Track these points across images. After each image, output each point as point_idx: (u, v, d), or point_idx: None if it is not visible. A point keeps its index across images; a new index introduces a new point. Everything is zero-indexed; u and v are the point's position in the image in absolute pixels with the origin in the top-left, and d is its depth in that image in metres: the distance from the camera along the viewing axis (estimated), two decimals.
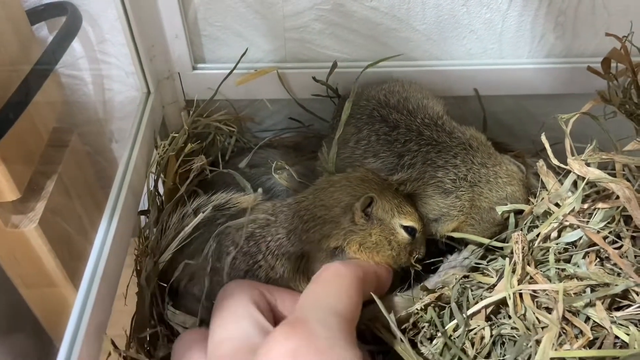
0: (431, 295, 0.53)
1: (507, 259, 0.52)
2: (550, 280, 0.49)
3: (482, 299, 0.51)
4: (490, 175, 0.59)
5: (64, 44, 0.71)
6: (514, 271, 0.50)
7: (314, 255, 0.54)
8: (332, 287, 0.42)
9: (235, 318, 0.39)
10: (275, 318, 0.42)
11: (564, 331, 0.45)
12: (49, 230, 0.71)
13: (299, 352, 0.33)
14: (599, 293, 0.46)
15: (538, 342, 0.45)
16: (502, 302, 0.50)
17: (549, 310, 0.48)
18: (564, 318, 0.46)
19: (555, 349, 0.44)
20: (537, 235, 0.53)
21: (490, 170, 0.59)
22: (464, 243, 0.62)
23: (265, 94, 0.75)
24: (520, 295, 0.49)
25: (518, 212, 0.59)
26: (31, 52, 0.70)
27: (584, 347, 0.44)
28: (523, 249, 0.50)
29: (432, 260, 0.60)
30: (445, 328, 0.50)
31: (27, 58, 0.68)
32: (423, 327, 0.52)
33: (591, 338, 0.44)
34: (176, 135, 0.70)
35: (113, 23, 0.74)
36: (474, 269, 0.57)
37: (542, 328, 0.47)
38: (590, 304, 0.47)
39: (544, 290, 0.48)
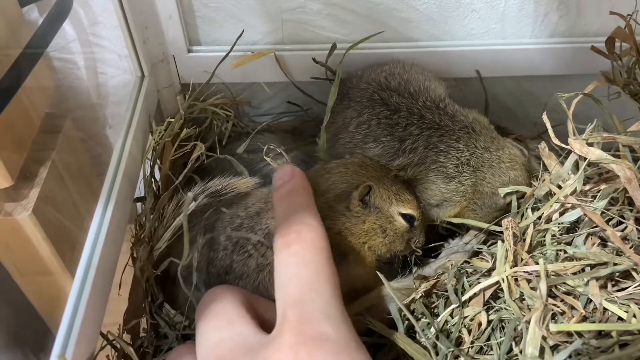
0: (427, 283, 0.52)
1: (500, 243, 0.51)
2: (547, 262, 0.49)
3: (479, 284, 0.50)
4: (493, 160, 0.58)
5: (54, 26, 0.69)
6: (507, 256, 0.50)
7: None
8: (312, 261, 0.39)
9: (229, 319, 0.38)
10: (260, 324, 0.41)
11: (562, 311, 0.45)
12: (43, 218, 0.70)
13: None
14: (593, 272, 0.46)
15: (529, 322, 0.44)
16: (501, 287, 0.50)
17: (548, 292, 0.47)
18: (560, 299, 0.46)
19: (547, 328, 0.43)
20: (539, 218, 0.53)
21: (493, 154, 0.58)
22: (466, 228, 0.61)
23: (263, 77, 0.74)
24: (516, 279, 0.48)
25: (521, 196, 0.58)
26: (21, 35, 0.68)
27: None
28: (514, 234, 0.50)
29: (433, 245, 0.59)
30: (440, 317, 0.50)
31: (16, 41, 0.67)
32: (420, 318, 0.51)
33: (583, 314, 0.44)
34: (172, 120, 0.68)
35: (105, 4, 0.72)
36: (476, 253, 0.57)
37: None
38: (587, 284, 0.46)
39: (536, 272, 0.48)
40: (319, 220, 0.43)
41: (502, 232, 0.56)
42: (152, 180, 0.64)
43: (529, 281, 0.48)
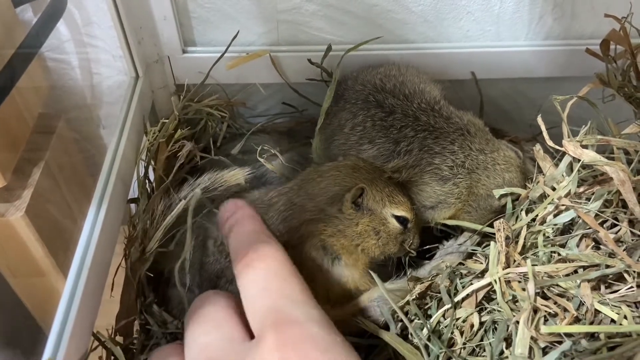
0: (421, 285, 0.52)
1: (493, 244, 0.51)
2: (539, 264, 0.49)
3: (471, 285, 0.50)
4: (488, 162, 0.58)
5: (48, 26, 0.69)
6: (499, 258, 0.50)
7: (294, 243, 0.52)
8: (278, 273, 0.39)
9: (218, 323, 0.38)
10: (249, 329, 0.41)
11: (554, 312, 0.45)
12: (36, 218, 0.70)
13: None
14: (584, 274, 0.46)
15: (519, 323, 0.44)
16: (494, 289, 0.50)
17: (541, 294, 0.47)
18: (552, 300, 0.46)
19: (537, 329, 0.43)
20: (533, 220, 0.53)
21: (488, 156, 0.58)
22: (460, 229, 0.61)
23: (258, 78, 0.74)
24: (508, 281, 0.48)
25: (515, 198, 0.58)
26: (14, 35, 0.68)
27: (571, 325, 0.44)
28: (506, 236, 0.50)
29: (428, 247, 0.59)
30: (432, 318, 0.49)
31: (10, 41, 0.66)
32: (413, 319, 0.51)
33: (575, 315, 0.44)
34: (166, 120, 0.68)
35: (99, 4, 0.72)
36: (470, 255, 0.57)
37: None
38: (580, 285, 0.46)
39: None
40: (274, 238, 0.43)
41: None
42: (146, 181, 0.64)
43: (520, 283, 0.48)
